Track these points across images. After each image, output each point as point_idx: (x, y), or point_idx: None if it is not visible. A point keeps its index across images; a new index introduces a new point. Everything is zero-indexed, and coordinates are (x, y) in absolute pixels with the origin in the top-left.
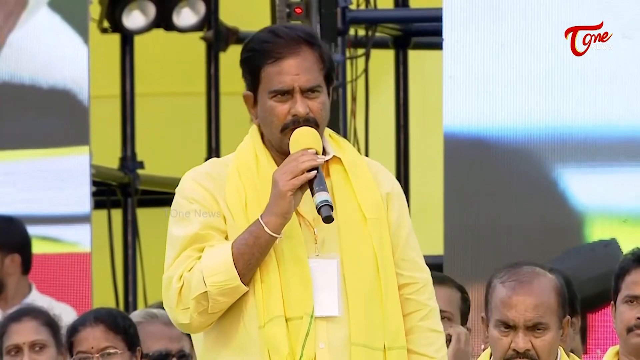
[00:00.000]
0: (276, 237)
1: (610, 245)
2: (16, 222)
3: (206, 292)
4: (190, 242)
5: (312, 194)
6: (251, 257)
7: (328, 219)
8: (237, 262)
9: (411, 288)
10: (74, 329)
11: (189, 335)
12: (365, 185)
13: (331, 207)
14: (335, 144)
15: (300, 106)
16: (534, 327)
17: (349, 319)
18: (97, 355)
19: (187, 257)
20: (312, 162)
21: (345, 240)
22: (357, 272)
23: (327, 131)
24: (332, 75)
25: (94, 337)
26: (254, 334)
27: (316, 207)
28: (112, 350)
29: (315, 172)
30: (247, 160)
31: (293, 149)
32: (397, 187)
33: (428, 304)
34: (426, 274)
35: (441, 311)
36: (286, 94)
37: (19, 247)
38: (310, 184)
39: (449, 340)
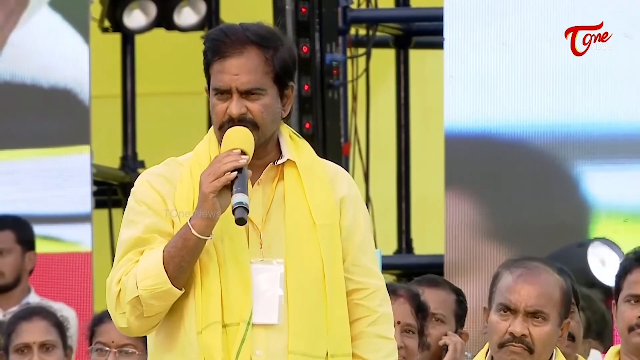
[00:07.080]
0: (204, 239)
1: (584, 245)
2: (28, 223)
3: (139, 296)
4: (132, 245)
5: (231, 195)
6: (181, 259)
7: (241, 221)
8: (167, 266)
9: (361, 294)
10: (100, 319)
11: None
12: (319, 190)
13: (246, 210)
14: (294, 145)
15: (235, 107)
16: (534, 315)
17: (288, 326)
18: (115, 350)
19: (128, 261)
20: (234, 162)
21: (290, 245)
22: (300, 278)
23: (288, 131)
24: (286, 78)
25: (117, 333)
26: (193, 339)
27: (232, 209)
28: (130, 350)
29: (235, 173)
30: (201, 160)
31: (223, 148)
32: (354, 191)
33: (378, 310)
34: (379, 280)
35: (434, 313)
36: (225, 93)
37: (33, 246)
38: (231, 185)
39: (445, 349)
